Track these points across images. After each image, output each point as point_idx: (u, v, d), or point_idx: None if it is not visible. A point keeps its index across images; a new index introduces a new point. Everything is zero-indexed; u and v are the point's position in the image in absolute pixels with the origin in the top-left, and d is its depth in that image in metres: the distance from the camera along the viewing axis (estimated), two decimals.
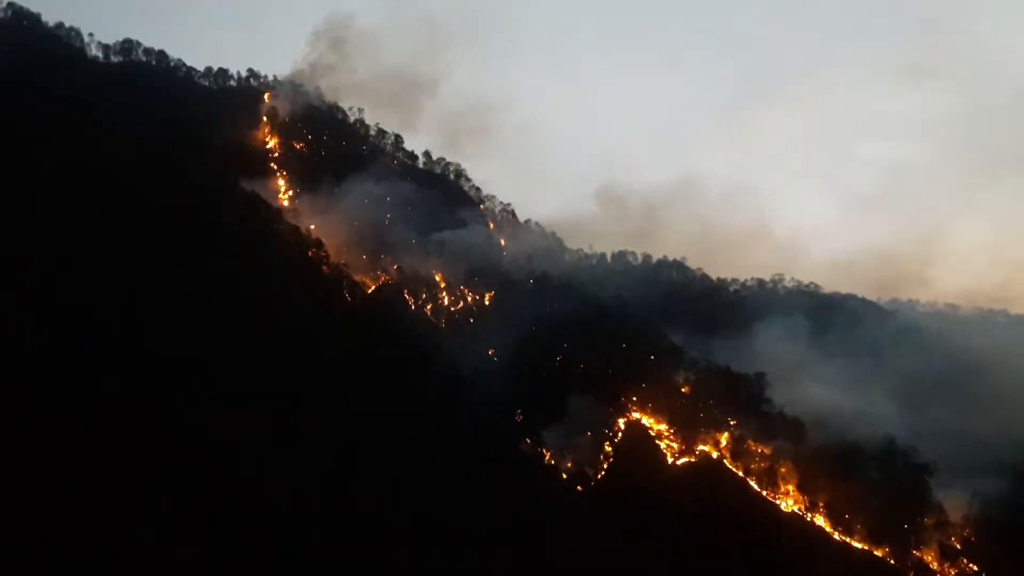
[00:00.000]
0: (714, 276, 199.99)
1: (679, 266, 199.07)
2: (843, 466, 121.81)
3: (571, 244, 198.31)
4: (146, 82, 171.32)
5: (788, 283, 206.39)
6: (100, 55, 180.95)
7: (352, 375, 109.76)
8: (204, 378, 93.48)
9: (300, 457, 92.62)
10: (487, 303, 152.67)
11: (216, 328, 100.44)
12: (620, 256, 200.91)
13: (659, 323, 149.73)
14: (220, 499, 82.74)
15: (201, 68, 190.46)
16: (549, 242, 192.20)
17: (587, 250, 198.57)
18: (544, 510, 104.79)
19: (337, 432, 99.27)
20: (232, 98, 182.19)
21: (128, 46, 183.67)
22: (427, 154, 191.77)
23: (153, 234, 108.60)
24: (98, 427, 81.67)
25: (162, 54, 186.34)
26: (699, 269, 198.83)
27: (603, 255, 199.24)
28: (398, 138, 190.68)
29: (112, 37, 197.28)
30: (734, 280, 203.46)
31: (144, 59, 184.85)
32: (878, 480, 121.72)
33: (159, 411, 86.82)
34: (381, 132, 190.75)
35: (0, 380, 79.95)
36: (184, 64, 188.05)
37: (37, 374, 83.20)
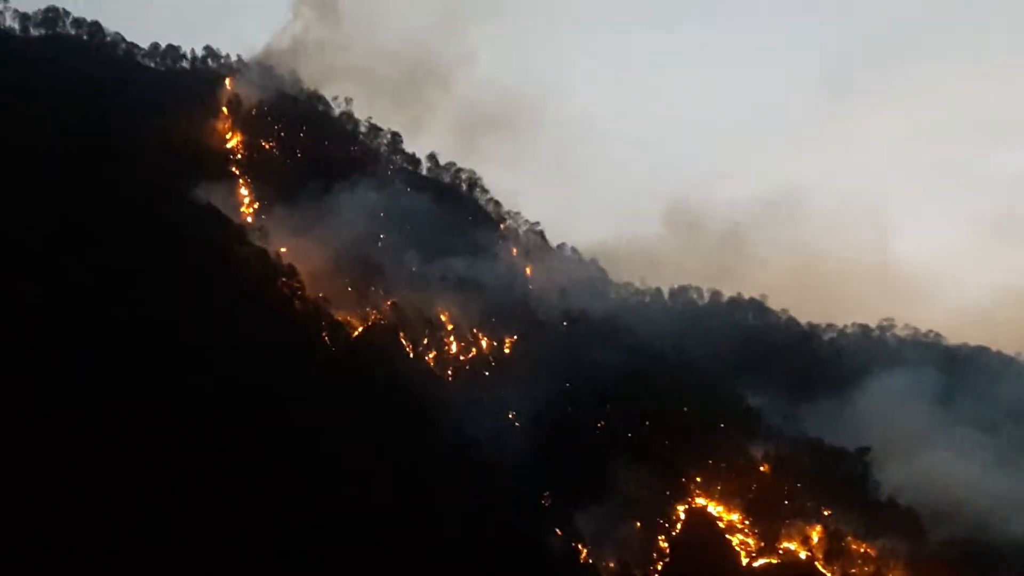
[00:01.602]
0: (803, 320, 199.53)
1: (758, 306, 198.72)
2: (974, 573, 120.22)
3: (617, 276, 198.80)
4: (74, 62, 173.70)
5: (900, 331, 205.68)
6: (16, 26, 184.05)
7: (331, 444, 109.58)
8: (150, 451, 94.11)
9: (264, 551, 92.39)
10: (507, 351, 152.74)
11: (154, 385, 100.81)
12: (681, 292, 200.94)
13: (731, 380, 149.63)
14: None
15: (145, 45, 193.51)
16: (589, 273, 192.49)
17: (638, 284, 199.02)
18: None
19: (310, 519, 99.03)
20: (184, 83, 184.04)
21: (52, 16, 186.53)
22: (433, 158, 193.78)
23: (77, 255, 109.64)
24: None
25: (96, 26, 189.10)
26: (784, 311, 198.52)
27: (658, 290, 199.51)
28: (395, 137, 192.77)
29: (32, 5, 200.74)
30: (829, 326, 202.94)
31: (73, 32, 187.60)
32: None
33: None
34: (374, 129, 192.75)
35: None
36: (123, 39, 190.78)
37: None
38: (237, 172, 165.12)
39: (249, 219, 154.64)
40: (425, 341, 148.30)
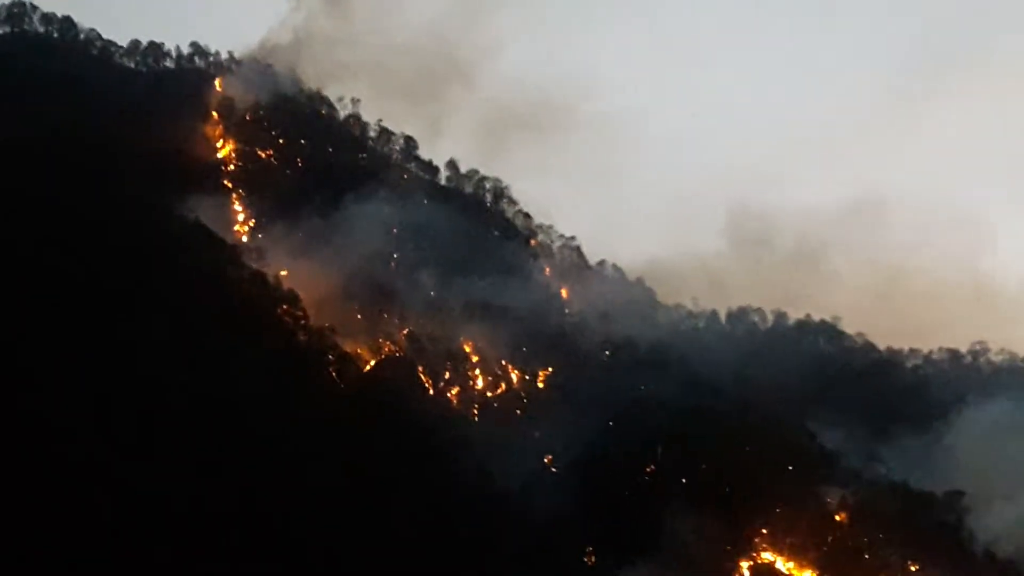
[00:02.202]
0: (882, 345, 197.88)
1: (830, 330, 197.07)
2: None
3: (666, 297, 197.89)
4: (43, 62, 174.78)
5: (996, 356, 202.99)
6: None
7: (340, 494, 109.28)
8: (126, 506, 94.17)
9: None
10: (541, 385, 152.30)
11: (133, 433, 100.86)
12: (740, 315, 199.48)
13: (801, 415, 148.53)
14: None
15: (123, 42, 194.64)
16: (634, 294, 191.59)
17: (690, 306, 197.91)
18: None
19: None
20: (168, 85, 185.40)
21: (19, 11, 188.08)
22: (453, 165, 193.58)
23: (43, 282, 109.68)
24: None
25: (67, 22, 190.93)
26: (860, 335, 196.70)
27: (714, 313, 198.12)
28: (410, 142, 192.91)
29: None
30: (913, 351, 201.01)
31: (42, 29, 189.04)
32: None
33: None
34: (385, 133, 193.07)
35: None
36: (99, 36, 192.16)
37: None
38: (230, 185, 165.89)
39: (244, 238, 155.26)
40: (446, 376, 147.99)
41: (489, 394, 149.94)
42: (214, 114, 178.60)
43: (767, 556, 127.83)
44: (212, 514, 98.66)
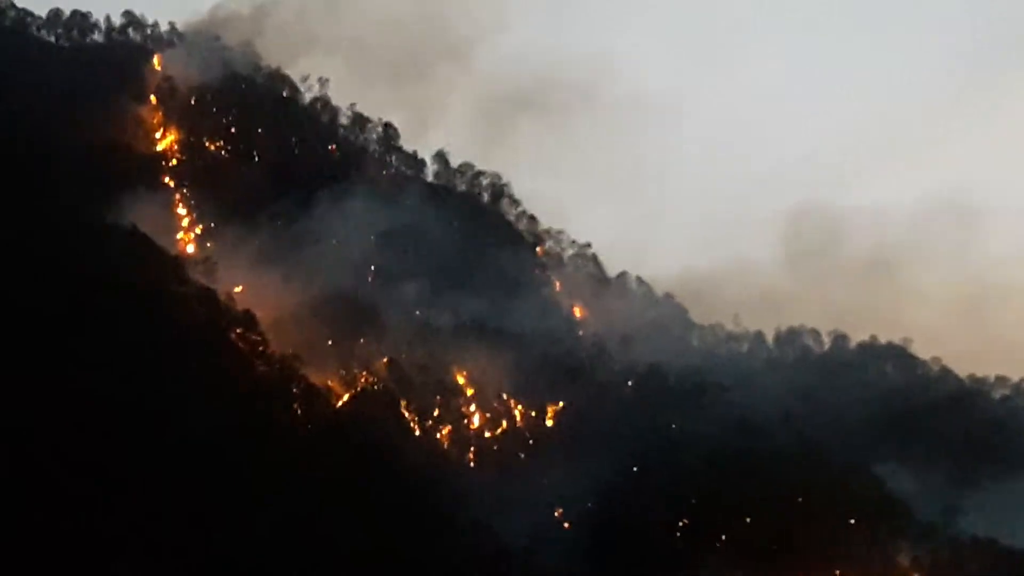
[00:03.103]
0: (963, 373, 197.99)
1: (899, 355, 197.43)
2: None
3: (701, 316, 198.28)
4: None
5: None
6: None
7: (308, 555, 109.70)
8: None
9: None
10: (550, 423, 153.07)
11: (71, 475, 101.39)
12: (790, 337, 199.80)
13: (864, 457, 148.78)
14: None
15: (42, 12, 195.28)
16: (662, 312, 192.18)
17: (730, 326, 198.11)
18: None
19: None
20: (96, 62, 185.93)
21: None
22: (442, 157, 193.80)
23: None
24: None
25: None
26: (935, 360, 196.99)
27: (759, 335, 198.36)
28: (389, 130, 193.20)
29: None
30: (1001, 380, 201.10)
31: None
32: None
33: None
34: (359, 120, 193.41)
35: None
36: (13, 5, 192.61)
37: None
38: (171, 183, 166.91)
39: (189, 248, 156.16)
40: (436, 412, 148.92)
41: (487, 434, 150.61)
42: (152, 98, 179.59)
43: None
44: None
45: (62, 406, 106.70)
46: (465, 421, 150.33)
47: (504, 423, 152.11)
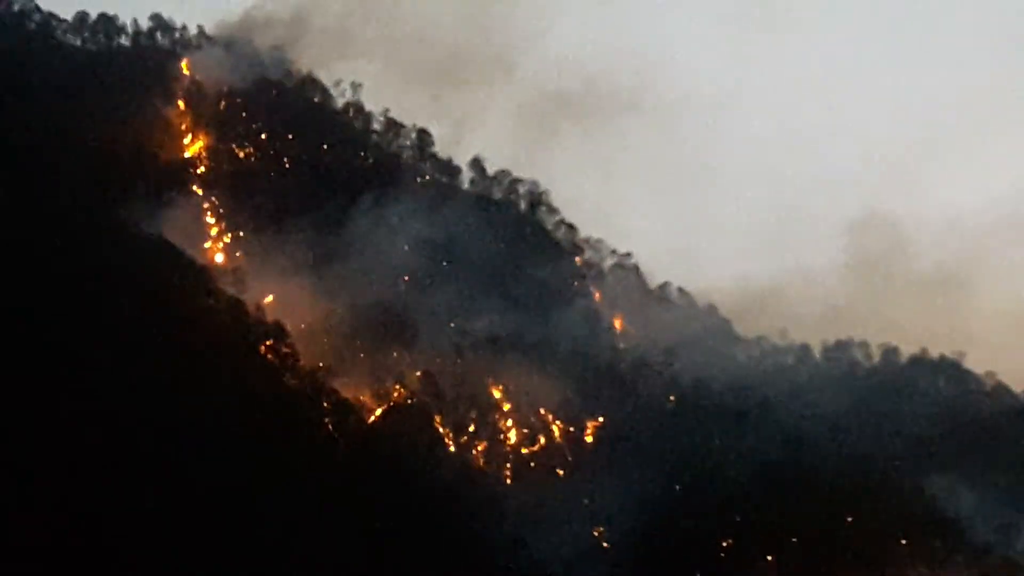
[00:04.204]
0: (1019, 388, 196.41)
1: (951, 369, 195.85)
2: None
3: (746, 328, 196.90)
4: None
5: None
6: None
7: (341, 571, 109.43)
8: None
9: None
10: (590, 439, 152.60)
11: (87, 507, 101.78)
12: (838, 350, 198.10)
13: (915, 473, 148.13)
14: None
15: (68, 15, 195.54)
16: (705, 324, 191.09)
17: (776, 339, 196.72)
18: None
19: None
20: (122, 67, 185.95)
21: None
22: (478, 165, 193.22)
23: None
24: None
25: None
26: (990, 374, 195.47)
27: (806, 348, 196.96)
28: (424, 136, 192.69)
29: None
30: None
31: None
32: None
33: None
34: (393, 126, 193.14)
35: None
36: (38, 8, 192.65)
37: None
38: (200, 191, 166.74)
39: (219, 257, 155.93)
40: (471, 427, 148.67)
41: (525, 450, 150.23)
42: (180, 103, 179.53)
43: None
44: None
45: (86, 420, 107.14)
46: (501, 437, 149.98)
47: (542, 439, 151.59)
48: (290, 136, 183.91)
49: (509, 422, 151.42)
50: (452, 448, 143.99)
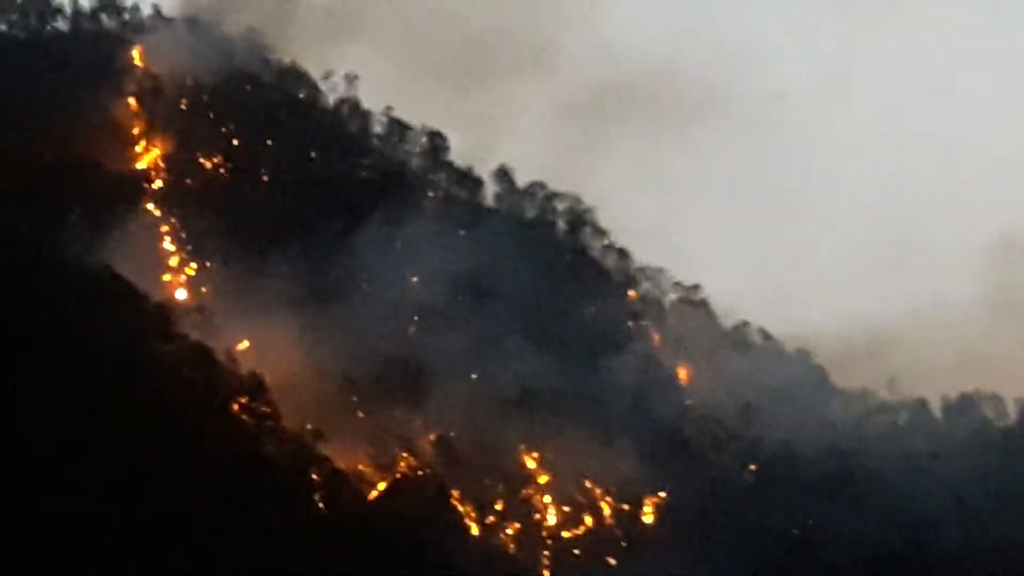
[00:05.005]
0: None
1: None
2: None
3: (846, 379, 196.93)
4: None
5: None
6: None
7: None
8: None
9: None
10: (649, 519, 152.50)
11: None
12: (965, 406, 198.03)
13: None
14: None
15: None
16: (794, 374, 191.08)
17: (885, 393, 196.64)
18: None
19: None
20: (61, 56, 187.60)
21: None
22: (505, 176, 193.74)
23: None
24: None
25: None
26: None
27: (922, 403, 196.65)
28: (437, 140, 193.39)
29: None
30: None
31: None
32: None
33: None
34: (398, 128, 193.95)
35: None
36: None
37: None
38: (156, 211, 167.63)
39: (180, 293, 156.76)
40: (499, 505, 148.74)
41: (566, 534, 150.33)
42: (131, 101, 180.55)
43: None
44: None
45: (16, 494, 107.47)
46: (537, 517, 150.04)
47: (588, 520, 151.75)
48: (269, 142, 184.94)
49: (547, 499, 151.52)
50: (475, 531, 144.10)
